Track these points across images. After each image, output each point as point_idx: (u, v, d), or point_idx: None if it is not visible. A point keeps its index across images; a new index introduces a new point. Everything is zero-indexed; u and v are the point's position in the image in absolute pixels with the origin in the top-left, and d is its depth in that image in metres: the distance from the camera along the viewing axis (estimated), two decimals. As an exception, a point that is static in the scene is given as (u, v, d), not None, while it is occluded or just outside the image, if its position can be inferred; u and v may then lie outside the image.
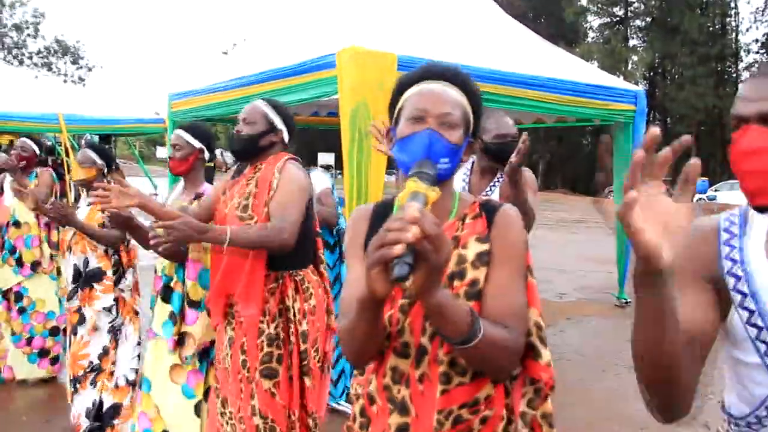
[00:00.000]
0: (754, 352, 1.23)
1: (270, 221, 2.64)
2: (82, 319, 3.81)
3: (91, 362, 3.80)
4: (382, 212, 1.56)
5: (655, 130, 1.02)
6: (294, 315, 2.73)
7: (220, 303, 2.79)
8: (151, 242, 2.59)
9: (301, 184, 2.76)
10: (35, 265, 4.86)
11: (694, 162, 1.01)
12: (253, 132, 2.80)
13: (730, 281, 1.26)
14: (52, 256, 4.95)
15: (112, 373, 3.78)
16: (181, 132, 3.33)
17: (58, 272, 4.96)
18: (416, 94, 1.51)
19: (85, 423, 3.74)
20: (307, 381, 2.76)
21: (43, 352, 4.91)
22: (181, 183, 3.44)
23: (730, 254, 1.28)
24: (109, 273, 3.84)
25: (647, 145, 1.03)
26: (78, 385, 3.79)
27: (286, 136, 2.89)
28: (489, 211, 1.52)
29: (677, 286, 1.31)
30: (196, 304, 3.11)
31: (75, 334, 3.83)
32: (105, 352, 3.80)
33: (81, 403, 3.78)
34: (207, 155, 3.36)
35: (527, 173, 3.34)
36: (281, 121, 2.87)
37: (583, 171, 44.71)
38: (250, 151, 2.82)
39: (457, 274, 1.45)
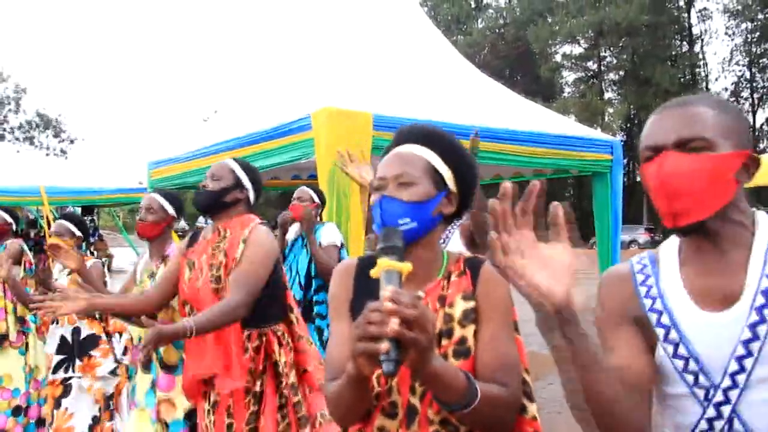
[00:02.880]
0: (683, 384, 1.27)
1: (230, 292, 2.61)
2: (66, 391, 3.72)
3: None
4: (366, 269, 1.49)
5: (508, 185, 1.08)
6: (282, 369, 2.71)
7: (198, 387, 2.73)
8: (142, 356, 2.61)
9: (266, 250, 2.74)
10: (2, 339, 4.70)
11: (554, 205, 1.08)
12: (218, 187, 2.79)
13: (653, 317, 1.32)
14: (23, 331, 4.80)
15: None
16: (157, 197, 3.34)
17: (26, 347, 4.80)
18: (382, 162, 1.56)
19: None
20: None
21: None
22: (147, 251, 3.44)
23: (649, 293, 1.34)
24: (104, 337, 3.78)
25: (503, 198, 1.08)
26: None
27: (251, 195, 2.89)
28: (473, 267, 1.52)
29: (608, 335, 1.37)
30: (171, 368, 3.06)
31: (58, 407, 3.73)
32: (95, 422, 3.70)
33: None
34: (176, 223, 3.40)
35: None
36: (248, 179, 2.87)
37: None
38: (215, 206, 2.81)
39: (445, 333, 1.45)
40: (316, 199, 4.64)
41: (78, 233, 3.99)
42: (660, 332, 1.30)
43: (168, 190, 3.64)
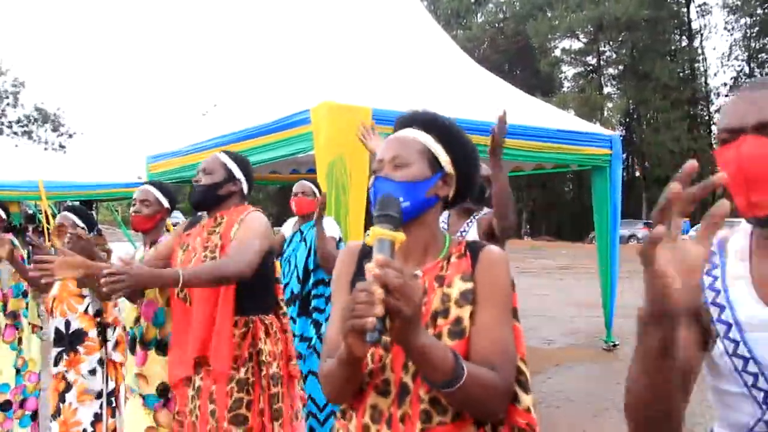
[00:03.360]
0: (740, 384, 1.21)
1: (225, 256, 2.63)
2: (68, 386, 3.71)
3: (85, 430, 3.67)
4: (369, 252, 1.51)
5: (693, 163, 0.99)
6: (265, 357, 2.71)
7: (191, 361, 2.72)
8: (104, 288, 2.30)
9: (261, 229, 2.74)
10: None
11: (723, 203, 0.97)
12: (211, 181, 2.80)
13: (714, 312, 1.25)
14: (16, 326, 4.75)
15: None
16: (152, 189, 3.32)
17: (19, 342, 4.76)
18: (380, 148, 1.59)
19: None
20: (277, 427, 2.70)
21: None
22: (141, 246, 3.45)
23: (713, 284, 1.28)
24: (92, 333, 3.75)
25: (684, 179, 0.98)
26: None
27: (245, 186, 2.90)
28: (473, 250, 1.53)
29: None
30: (146, 345, 3.07)
31: (63, 401, 3.72)
32: (97, 418, 3.69)
33: None
34: (168, 215, 3.40)
35: (489, 214, 3.50)
36: (240, 171, 2.88)
37: (567, 218, 45.01)
38: (209, 200, 2.82)
39: (441, 313, 1.44)
40: (318, 194, 4.62)
41: (81, 225, 3.97)
42: (721, 328, 1.23)
43: (161, 182, 3.62)
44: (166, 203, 3.33)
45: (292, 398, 2.86)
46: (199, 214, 2.97)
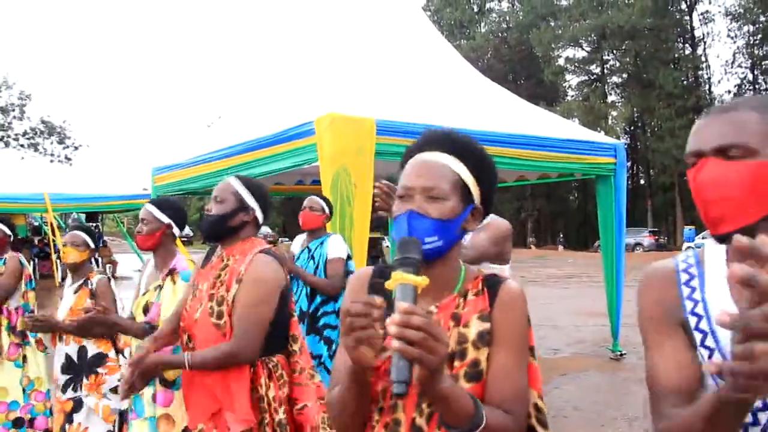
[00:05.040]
0: (717, 389, 1.22)
1: (232, 337, 2.48)
2: (77, 406, 3.70)
3: None
4: (380, 284, 1.41)
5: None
6: (269, 404, 2.52)
7: (202, 417, 2.58)
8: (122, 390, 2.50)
9: (268, 285, 2.57)
10: None
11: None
12: (222, 211, 2.63)
13: (692, 321, 1.29)
14: (20, 344, 4.74)
15: None
16: (149, 206, 3.30)
17: (24, 359, 4.75)
18: (407, 169, 1.48)
19: None
20: None
21: None
22: (152, 260, 3.40)
23: (691, 294, 1.32)
24: (111, 354, 3.77)
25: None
26: None
27: (259, 215, 2.72)
28: (492, 287, 1.48)
29: (653, 336, 1.34)
30: (169, 384, 3.01)
31: (71, 422, 3.71)
32: None
33: None
34: (177, 230, 3.33)
35: (497, 221, 3.45)
36: (254, 199, 2.70)
37: (572, 226, 44.95)
38: (220, 231, 2.65)
39: (458, 354, 1.41)
40: (327, 210, 4.61)
41: (92, 245, 3.98)
42: (698, 336, 1.28)
43: (164, 197, 3.61)
44: (164, 218, 3.27)
45: None
46: (214, 246, 2.81)
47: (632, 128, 44.39)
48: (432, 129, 1.56)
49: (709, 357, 1.25)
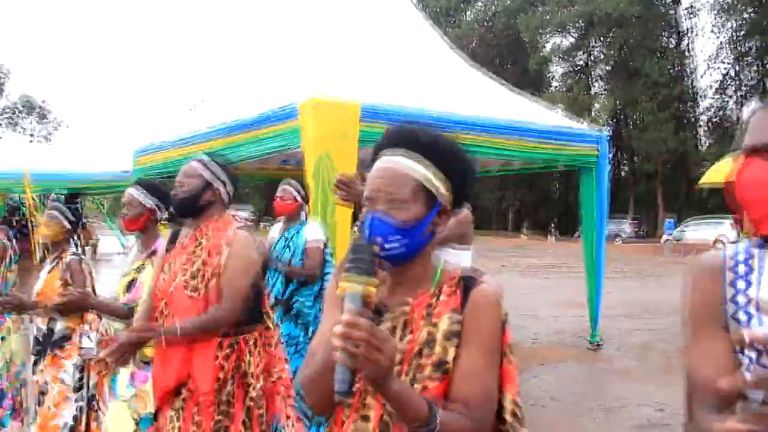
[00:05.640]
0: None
1: (221, 301, 2.61)
2: (43, 390, 3.68)
3: (66, 423, 3.65)
4: None
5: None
6: (250, 378, 2.67)
7: (170, 387, 2.66)
8: (108, 359, 2.56)
9: (251, 257, 2.73)
10: None
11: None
12: (188, 193, 2.73)
13: (732, 325, 1.26)
14: (6, 316, 4.73)
15: None
16: (133, 190, 3.31)
17: (2, 340, 4.73)
18: (371, 174, 1.48)
19: None
20: None
21: None
22: (135, 243, 3.42)
23: (735, 297, 1.28)
24: (75, 338, 3.73)
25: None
26: None
27: (224, 193, 2.81)
28: (466, 287, 1.47)
29: (696, 335, 1.31)
30: (147, 364, 3.02)
31: (40, 404, 3.68)
32: (76, 420, 3.66)
33: None
34: (160, 214, 3.34)
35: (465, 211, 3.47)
36: (218, 177, 2.79)
37: (553, 217, 45.19)
38: (189, 211, 2.76)
39: (426, 349, 1.41)
40: (299, 198, 4.62)
41: (67, 224, 3.94)
42: (739, 335, 1.25)
43: (148, 181, 3.59)
44: (149, 203, 3.29)
45: (272, 414, 2.79)
46: (177, 229, 2.89)
47: (614, 120, 44.59)
48: (398, 126, 1.54)
49: (758, 359, 1.22)
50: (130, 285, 3.26)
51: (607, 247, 8.17)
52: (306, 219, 4.70)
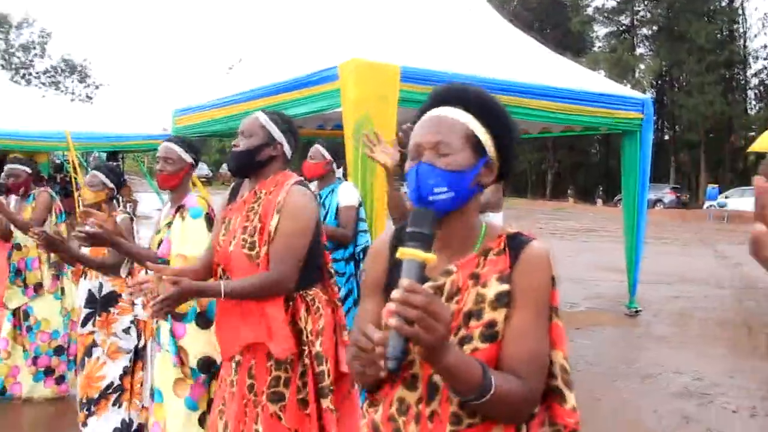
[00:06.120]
0: None
1: (272, 266, 2.50)
2: (96, 342, 3.79)
3: (111, 383, 3.77)
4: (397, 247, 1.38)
5: None
6: (307, 336, 2.57)
7: (244, 343, 2.61)
8: (150, 308, 2.43)
9: (306, 216, 2.59)
10: (38, 287, 4.84)
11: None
12: (249, 146, 2.61)
13: None
14: (58, 275, 4.93)
15: (138, 393, 3.74)
16: (172, 146, 3.25)
17: (62, 292, 4.95)
18: (416, 127, 1.46)
19: None
20: (324, 403, 2.58)
21: (48, 371, 4.87)
22: (168, 199, 3.40)
23: None
24: (125, 295, 3.81)
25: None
26: (93, 407, 3.75)
27: (287, 149, 2.70)
28: (514, 247, 1.43)
29: None
30: (181, 317, 3.04)
31: (89, 356, 3.80)
32: (126, 372, 3.77)
33: (102, 424, 3.74)
34: (194, 170, 3.36)
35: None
36: (282, 133, 2.68)
37: (593, 180, 44.54)
38: (248, 166, 2.64)
39: (475, 314, 1.38)
40: (327, 156, 4.50)
41: (110, 185, 3.99)
42: None
43: (182, 137, 3.58)
44: (189, 159, 3.28)
45: (341, 372, 2.70)
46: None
47: (659, 82, 43.44)
48: (444, 85, 1.52)
49: None
50: (162, 242, 3.23)
51: (648, 213, 8.04)
52: (340, 180, 4.64)
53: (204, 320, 3.03)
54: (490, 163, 1.45)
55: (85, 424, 3.78)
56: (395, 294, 1.16)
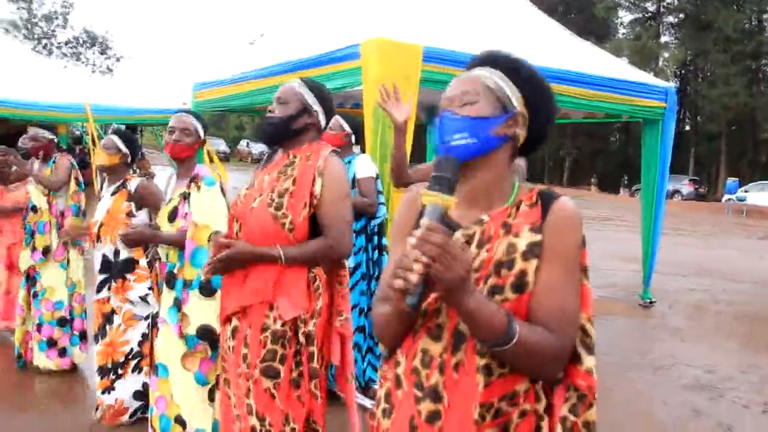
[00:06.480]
0: None
1: (325, 232, 2.47)
2: (114, 310, 3.84)
3: (132, 349, 3.87)
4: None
5: None
6: (302, 315, 2.47)
7: (235, 305, 2.55)
8: (204, 274, 2.58)
9: (347, 185, 2.58)
10: (46, 251, 4.82)
11: None
12: (285, 113, 2.56)
13: None
14: (66, 245, 4.91)
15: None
16: (191, 118, 3.28)
17: (68, 263, 4.93)
18: (447, 87, 1.53)
19: (134, 404, 3.89)
20: (312, 385, 2.50)
21: (50, 342, 4.81)
22: (173, 173, 3.42)
23: None
24: (142, 261, 3.83)
25: None
26: (120, 371, 3.86)
27: (322, 119, 2.64)
28: (545, 200, 1.46)
29: None
30: (188, 284, 3.05)
31: (111, 322, 3.84)
32: (144, 338, 3.83)
33: (126, 387, 3.87)
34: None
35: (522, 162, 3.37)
36: (317, 102, 2.62)
37: (611, 168, 44.18)
38: (282, 135, 2.58)
39: (506, 264, 1.38)
40: (347, 128, 4.45)
41: (125, 150, 4.01)
42: None
43: (190, 110, 3.60)
44: (203, 134, 3.33)
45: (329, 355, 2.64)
46: (274, 150, 2.73)
47: (682, 72, 42.86)
48: (477, 54, 1.59)
49: None
50: (174, 213, 3.24)
51: (665, 204, 7.95)
52: (357, 153, 4.58)
53: (207, 290, 3.05)
54: (517, 116, 1.48)
55: (112, 389, 3.87)
56: (416, 232, 1.23)
